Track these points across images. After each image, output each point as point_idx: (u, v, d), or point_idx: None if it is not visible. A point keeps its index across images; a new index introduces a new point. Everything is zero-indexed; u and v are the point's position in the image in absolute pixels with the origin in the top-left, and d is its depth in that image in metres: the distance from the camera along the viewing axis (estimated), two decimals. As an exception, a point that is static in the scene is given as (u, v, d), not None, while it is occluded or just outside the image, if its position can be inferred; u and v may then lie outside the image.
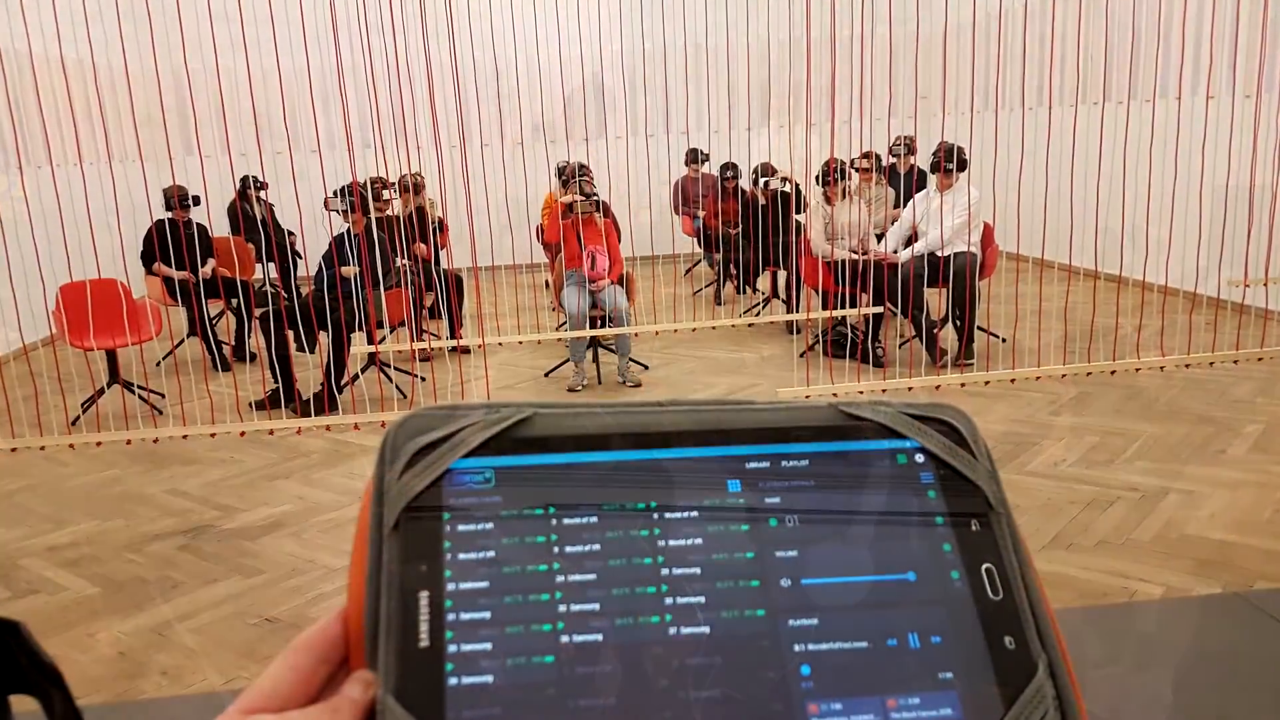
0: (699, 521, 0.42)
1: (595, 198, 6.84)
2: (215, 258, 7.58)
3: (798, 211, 7.99)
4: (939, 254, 6.63)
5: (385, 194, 7.24)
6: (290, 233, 8.80)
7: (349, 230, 6.42)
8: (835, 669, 0.39)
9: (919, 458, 0.45)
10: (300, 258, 8.93)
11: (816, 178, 7.24)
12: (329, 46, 5.18)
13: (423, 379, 6.72)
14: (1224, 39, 7.54)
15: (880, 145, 8.68)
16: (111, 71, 8.95)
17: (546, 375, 6.93)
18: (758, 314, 8.51)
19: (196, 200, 7.13)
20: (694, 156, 10.26)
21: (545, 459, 0.43)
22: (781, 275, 8.45)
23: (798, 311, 7.58)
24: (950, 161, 6.65)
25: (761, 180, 8.10)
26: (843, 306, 6.78)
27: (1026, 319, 7.13)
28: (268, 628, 3.56)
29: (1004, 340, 7.00)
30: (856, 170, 7.78)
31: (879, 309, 6.66)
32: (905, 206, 7.22)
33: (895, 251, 6.92)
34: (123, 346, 6.37)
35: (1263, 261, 6.63)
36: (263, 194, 8.90)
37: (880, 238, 7.31)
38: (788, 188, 7.94)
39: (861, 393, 6.05)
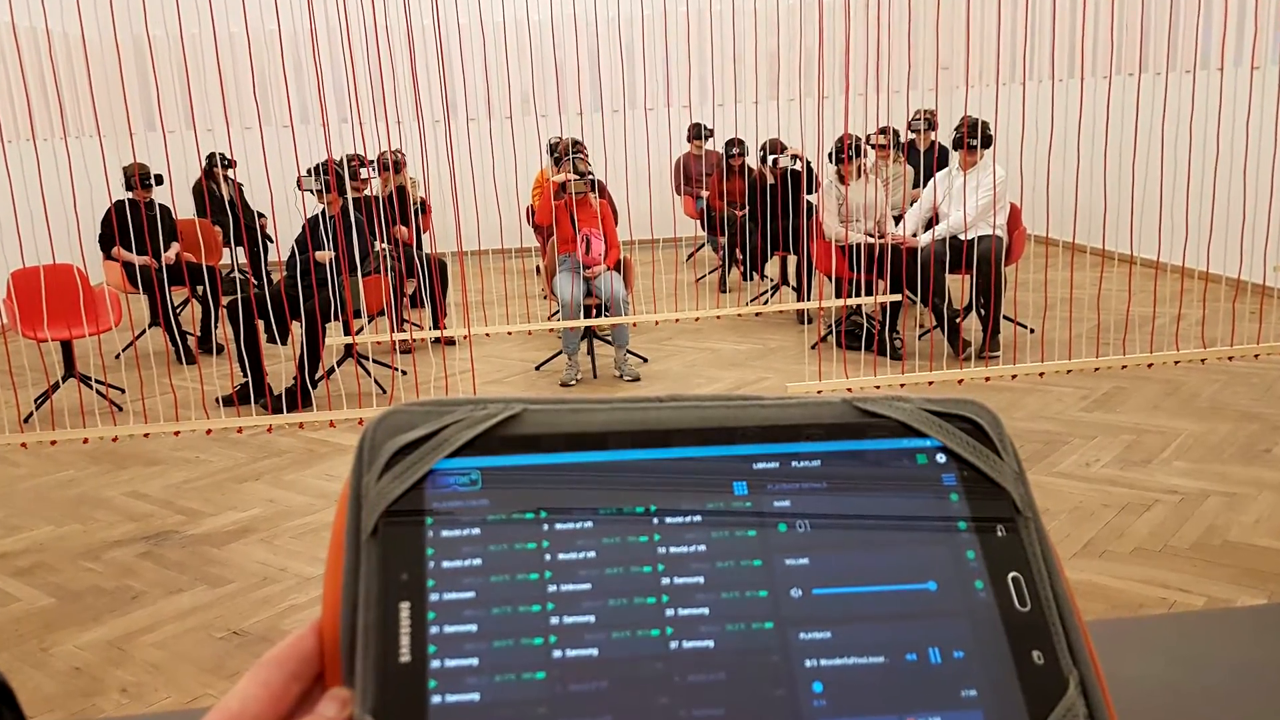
0: (702, 527, 0.42)
1: (590, 176, 6.84)
2: (179, 241, 7.57)
3: (809, 191, 7.99)
4: (962, 237, 6.62)
5: (363, 172, 7.23)
6: (260, 215, 8.79)
7: (324, 212, 6.42)
8: (849, 686, 0.39)
9: (940, 458, 0.45)
10: (271, 241, 8.94)
11: (829, 155, 7.23)
12: (302, 11, 5.17)
13: (404, 373, 6.72)
14: (1270, 4, 7.54)
15: (899, 120, 8.67)
16: (67, 40, 8.94)
17: (537, 368, 6.93)
18: (766, 302, 8.51)
19: (159, 179, 7.11)
20: (697, 132, 10.24)
21: (536, 459, 0.43)
22: (791, 260, 8.45)
23: (809, 300, 7.58)
24: (974, 137, 6.64)
25: (770, 158, 8.09)
26: (858, 294, 6.78)
27: (1056, 308, 7.13)
28: (236, 641, 3.56)
29: (1032, 331, 7.00)
30: (873, 147, 7.77)
31: (897, 297, 6.66)
32: (925, 186, 7.22)
33: (914, 235, 6.92)
34: (79, 337, 6.37)
35: (1312, 246, 6.64)
36: (230, 172, 8.88)
37: (898, 220, 7.31)
38: (798, 166, 7.93)
39: (878, 387, 6.05)
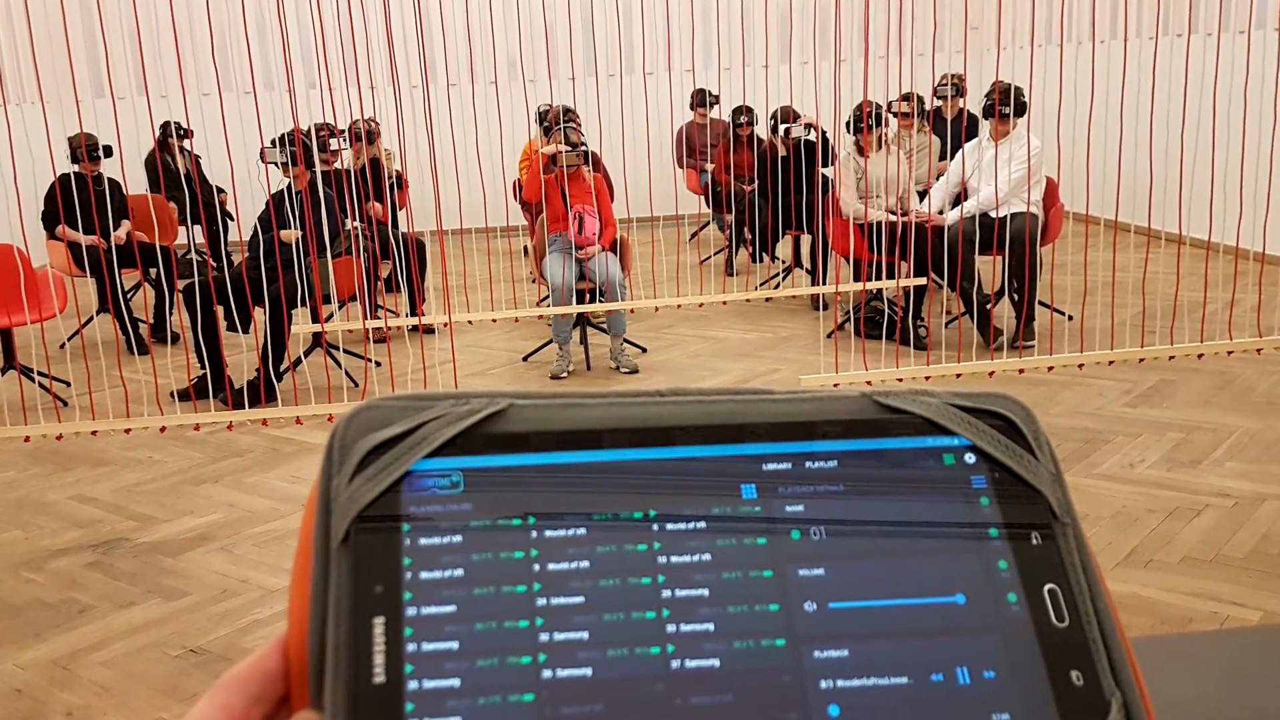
0: (707, 534, 0.42)
1: (583, 148, 6.83)
2: (130, 219, 7.56)
3: (824, 164, 7.98)
4: (993, 215, 6.62)
5: (333, 143, 7.22)
6: (220, 190, 8.78)
7: (289, 187, 6.41)
8: (869, 709, 0.39)
9: (969, 458, 0.45)
10: (231, 219, 8.92)
11: (847, 124, 7.22)
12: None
13: (378, 364, 6.72)
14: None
15: (923, 85, 8.66)
16: (4, -4, 8.92)
17: (525, 359, 6.93)
18: (777, 287, 8.51)
19: (108, 151, 7.10)
20: (701, 99, 10.23)
21: (524, 459, 0.43)
22: (805, 240, 8.45)
23: (824, 284, 7.58)
24: (1006, 105, 6.63)
25: (781, 127, 8.08)
26: (878, 278, 6.78)
27: (1097, 293, 7.13)
28: (193, 660, 3.57)
29: (1070, 318, 7.00)
30: (895, 115, 7.77)
31: (922, 280, 6.66)
32: (953, 159, 7.22)
33: (941, 212, 6.92)
34: (20, 325, 6.36)
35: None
36: (187, 143, 8.87)
37: (923, 195, 7.30)
38: (812, 136, 7.92)
39: (900, 380, 6.05)
